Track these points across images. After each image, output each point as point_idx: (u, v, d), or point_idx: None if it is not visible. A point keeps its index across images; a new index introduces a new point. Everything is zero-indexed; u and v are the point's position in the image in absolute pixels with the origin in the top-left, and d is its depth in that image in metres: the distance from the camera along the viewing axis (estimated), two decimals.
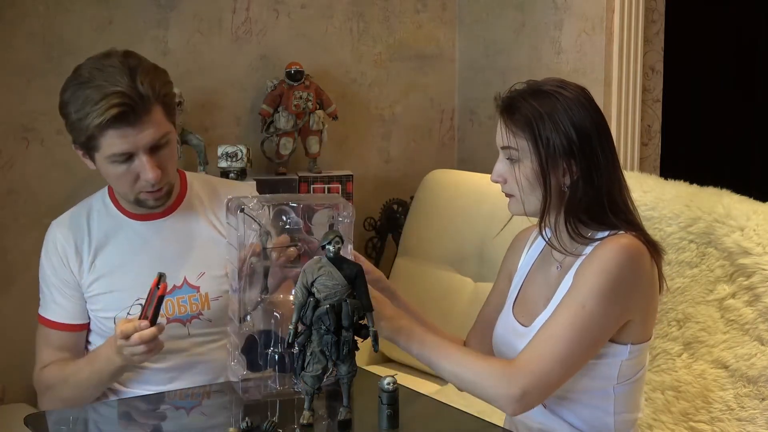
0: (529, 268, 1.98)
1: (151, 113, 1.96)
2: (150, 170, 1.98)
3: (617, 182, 1.85)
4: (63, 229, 2.14)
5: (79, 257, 2.12)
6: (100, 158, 2.01)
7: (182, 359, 2.10)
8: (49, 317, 2.14)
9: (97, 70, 1.97)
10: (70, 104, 1.98)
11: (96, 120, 1.93)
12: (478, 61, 3.68)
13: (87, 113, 1.94)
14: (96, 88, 1.94)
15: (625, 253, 1.76)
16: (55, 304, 2.13)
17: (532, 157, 1.80)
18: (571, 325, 1.75)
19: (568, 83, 1.86)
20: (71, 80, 2.01)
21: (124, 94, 1.92)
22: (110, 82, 1.93)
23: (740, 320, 2.18)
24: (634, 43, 3.25)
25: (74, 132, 2.00)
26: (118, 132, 1.95)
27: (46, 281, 2.15)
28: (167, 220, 2.15)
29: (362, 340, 1.67)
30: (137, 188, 2.03)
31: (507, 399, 1.75)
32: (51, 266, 2.14)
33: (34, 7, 2.88)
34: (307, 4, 3.38)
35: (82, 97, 1.95)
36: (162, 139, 2.00)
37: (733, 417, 2.15)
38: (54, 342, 2.13)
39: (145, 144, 1.97)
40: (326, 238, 1.63)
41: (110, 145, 1.96)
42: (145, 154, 1.98)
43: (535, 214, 1.85)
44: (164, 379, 2.09)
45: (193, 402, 1.97)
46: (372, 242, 3.57)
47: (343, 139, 3.52)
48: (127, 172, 2.00)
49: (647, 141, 3.41)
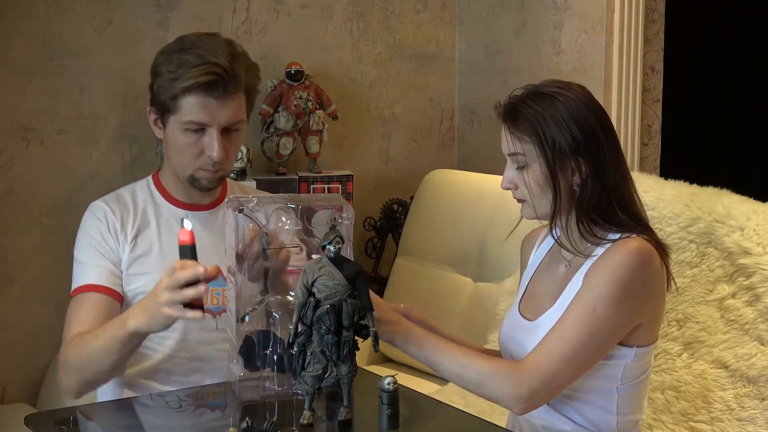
0: (537, 266, 1.99)
1: (235, 95, 2.05)
2: (217, 148, 2.05)
3: (624, 177, 1.86)
4: (110, 204, 2.17)
5: (124, 231, 2.14)
6: (174, 122, 2.06)
7: (206, 352, 2.11)
8: (88, 281, 2.09)
9: (200, 41, 2.07)
10: (165, 64, 2.06)
11: (188, 81, 2.01)
12: (478, 61, 3.68)
13: (181, 74, 2.02)
14: (196, 55, 2.03)
15: (637, 257, 1.77)
16: (93, 267, 2.10)
17: (540, 161, 1.81)
18: (581, 327, 1.75)
19: (566, 83, 1.87)
20: (172, 45, 2.10)
21: (221, 66, 2.02)
22: (210, 53, 2.03)
23: (740, 320, 2.18)
24: (634, 43, 3.25)
25: (160, 91, 2.06)
26: (203, 100, 2.02)
27: (86, 251, 2.12)
28: (209, 214, 2.19)
29: (362, 340, 1.67)
30: (198, 164, 2.08)
31: (514, 399, 1.76)
32: (95, 237, 2.12)
33: (34, 7, 2.88)
34: (307, 4, 3.38)
35: (181, 60, 2.03)
36: (236, 124, 2.08)
37: (733, 417, 2.15)
38: (86, 309, 2.06)
39: (221, 121, 2.05)
40: (327, 238, 1.63)
41: (190, 111, 2.03)
42: (216, 131, 2.05)
43: (548, 217, 1.86)
44: (186, 370, 2.11)
45: (194, 402, 1.97)
46: (372, 242, 3.57)
47: (343, 139, 3.52)
48: (195, 143, 2.06)
49: (647, 141, 3.41)
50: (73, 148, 2.96)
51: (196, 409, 1.95)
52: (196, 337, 2.09)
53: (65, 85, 2.93)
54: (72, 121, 2.95)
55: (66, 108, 2.94)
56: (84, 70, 2.95)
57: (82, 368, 1.98)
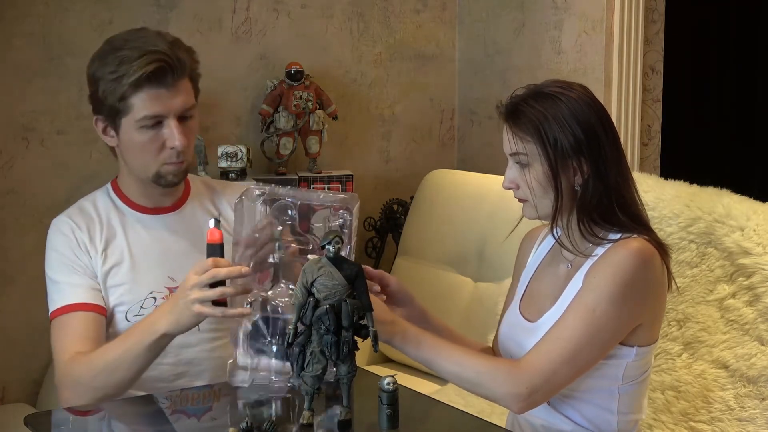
0: (537, 266, 1.98)
1: (182, 80, 2.01)
2: (178, 136, 2.00)
3: (625, 177, 1.86)
4: (74, 218, 2.10)
5: (93, 244, 2.08)
6: (127, 124, 2.00)
7: (191, 354, 2.09)
8: (68, 302, 2.02)
9: (131, 36, 2.01)
10: (103, 66, 2.00)
11: (134, 76, 1.95)
12: (478, 61, 3.68)
13: (125, 71, 1.96)
14: (134, 49, 1.97)
15: (638, 258, 1.77)
16: (72, 287, 2.04)
17: (541, 160, 1.81)
18: (581, 328, 1.75)
19: (569, 83, 1.87)
20: (104, 48, 2.04)
21: (162, 52, 1.97)
22: (148, 44, 1.98)
23: (740, 320, 2.18)
24: (634, 43, 3.25)
25: (105, 95, 2.00)
26: (153, 93, 1.97)
27: (60, 270, 2.06)
28: (175, 215, 2.14)
29: (362, 340, 1.67)
30: (161, 158, 2.03)
31: (513, 398, 1.76)
32: (66, 255, 2.06)
33: (34, 7, 2.88)
34: (307, 4, 3.39)
35: (119, 58, 1.98)
36: (190, 110, 2.04)
37: (733, 417, 2.15)
38: (75, 328, 2.00)
39: (176, 109, 2.00)
40: (326, 238, 1.63)
41: (142, 107, 1.98)
42: (173, 119, 2.00)
43: (549, 217, 1.86)
44: (171, 375, 2.08)
45: (193, 402, 1.97)
46: (372, 242, 3.57)
47: (343, 139, 3.52)
48: (154, 138, 2.01)
49: (647, 141, 3.41)
50: (73, 148, 2.96)
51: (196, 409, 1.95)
52: (179, 341, 2.01)
53: (65, 85, 2.93)
54: (72, 121, 2.95)
55: (66, 108, 2.94)
56: (84, 70, 2.94)
57: (99, 384, 1.92)
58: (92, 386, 1.93)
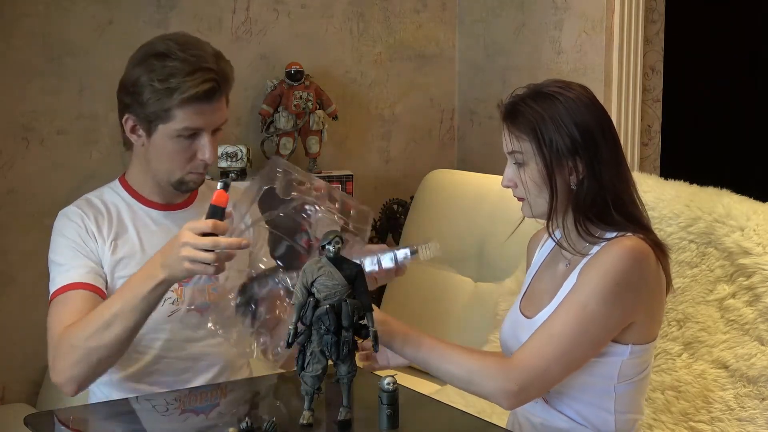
0: (539, 265, 1.99)
1: (224, 96, 2.04)
2: (210, 150, 2.03)
3: (623, 179, 1.86)
4: (83, 208, 2.10)
5: (101, 233, 2.08)
6: (164, 131, 2.00)
7: (195, 349, 2.10)
8: (69, 281, 2.00)
9: (174, 44, 2.00)
10: (150, 73, 1.98)
11: (187, 93, 1.96)
12: (478, 61, 3.68)
13: (177, 86, 1.96)
14: (184, 62, 1.97)
15: (630, 255, 1.77)
16: (75, 268, 2.02)
17: (537, 159, 1.81)
18: (572, 324, 1.76)
19: (568, 83, 1.87)
20: (145, 52, 2.02)
21: (215, 71, 1.99)
22: (198, 58, 1.98)
23: (740, 320, 2.18)
24: (634, 43, 3.25)
25: (149, 102, 1.99)
26: (198, 108, 1.99)
27: (65, 253, 2.05)
28: (186, 211, 2.15)
29: (362, 340, 1.67)
30: (189, 167, 2.05)
31: (503, 394, 1.76)
32: (74, 239, 2.05)
33: (34, 6, 2.88)
34: (307, 4, 3.39)
35: (168, 68, 1.97)
36: (224, 123, 2.07)
37: (733, 417, 2.15)
38: (73, 305, 1.97)
39: (215, 124, 2.03)
40: (326, 238, 1.63)
41: (185, 120, 1.99)
42: (208, 134, 2.03)
43: (545, 216, 1.86)
44: (176, 369, 2.09)
45: (193, 402, 1.97)
46: (372, 242, 3.56)
47: (343, 139, 3.52)
48: (187, 148, 2.03)
49: (647, 141, 3.41)
50: (73, 148, 2.96)
51: (196, 409, 1.95)
52: (184, 335, 2.06)
53: (65, 85, 2.93)
54: (72, 121, 2.95)
55: (66, 108, 2.94)
56: (84, 70, 2.95)
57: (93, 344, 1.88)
58: (87, 347, 1.88)
